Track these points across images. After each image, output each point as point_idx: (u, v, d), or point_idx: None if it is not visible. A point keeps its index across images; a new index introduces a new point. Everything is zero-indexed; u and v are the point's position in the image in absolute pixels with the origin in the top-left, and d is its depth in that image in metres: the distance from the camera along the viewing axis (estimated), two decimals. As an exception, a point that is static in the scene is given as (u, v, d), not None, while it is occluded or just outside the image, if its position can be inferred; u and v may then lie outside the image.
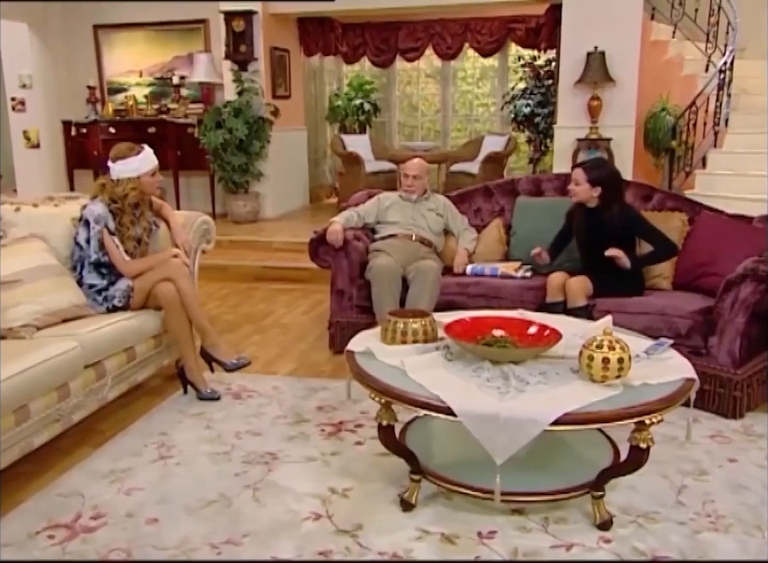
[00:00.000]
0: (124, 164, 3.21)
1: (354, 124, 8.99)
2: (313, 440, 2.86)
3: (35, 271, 2.91)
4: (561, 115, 6.36)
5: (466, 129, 10.18)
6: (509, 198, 4.22)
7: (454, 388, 2.11)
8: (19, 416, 2.41)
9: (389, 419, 2.25)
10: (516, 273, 3.80)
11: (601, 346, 2.12)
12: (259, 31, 6.90)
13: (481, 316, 2.56)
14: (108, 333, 2.92)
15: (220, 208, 7.31)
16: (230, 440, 2.86)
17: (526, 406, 1.99)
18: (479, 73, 10.13)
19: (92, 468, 2.64)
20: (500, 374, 2.20)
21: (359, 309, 3.85)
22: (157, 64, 7.54)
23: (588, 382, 2.15)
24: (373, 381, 2.23)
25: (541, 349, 2.29)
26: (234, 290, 5.46)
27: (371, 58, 9.11)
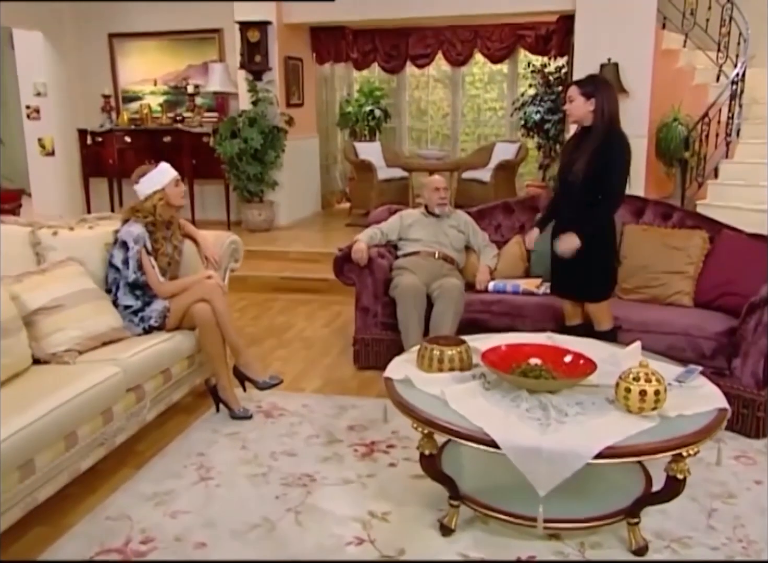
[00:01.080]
0: (147, 179, 3.31)
1: (364, 130, 9.04)
2: (348, 461, 2.93)
3: (76, 295, 2.97)
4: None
5: (474, 133, 10.23)
6: (530, 214, 4.27)
7: (496, 420, 2.18)
8: (68, 442, 2.48)
9: (431, 449, 2.32)
10: (537, 290, 3.87)
11: (638, 378, 2.18)
12: (274, 41, 6.94)
13: (516, 343, 2.62)
14: (147, 357, 2.98)
15: (234, 216, 7.37)
16: (267, 461, 2.93)
17: (568, 439, 2.06)
18: (487, 78, 10.17)
19: (136, 491, 2.71)
20: (538, 404, 2.27)
21: (384, 326, 3.92)
22: (172, 73, 7.59)
23: (624, 413, 2.21)
24: (415, 412, 2.29)
25: (578, 380, 2.36)
26: (253, 302, 5.53)
27: (381, 65, 9.15)
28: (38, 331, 2.81)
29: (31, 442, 2.27)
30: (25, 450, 2.25)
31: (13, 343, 2.59)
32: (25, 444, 2.23)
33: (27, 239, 3.19)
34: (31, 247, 3.19)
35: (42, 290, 2.88)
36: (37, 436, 2.29)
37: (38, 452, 2.32)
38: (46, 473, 2.38)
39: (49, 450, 2.37)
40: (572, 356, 2.50)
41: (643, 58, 6.05)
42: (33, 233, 3.21)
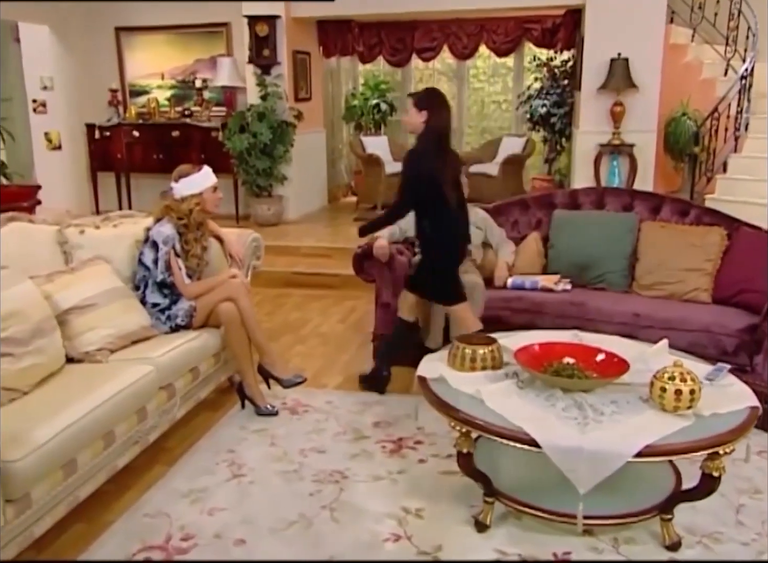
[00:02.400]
0: (188, 181, 3.31)
1: (370, 123, 9.04)
2: (377, 458, 2.97)
3: (106, 294, 2.99)
4: (583, 120, 6.44)
5: (478, 127, 10.23)
6: (546, 211, 4.30)
7: (534, 419, 2.21)
8: (107, 441, 2.51)
9: (469, 447, 2.36)
10: (556, 286, 3.90)
11: (673, 378, 2.22)
12: (283, 35, 6.92)
13: (548, 342, 2.65)
14: (177, 355, 3.01)
15: (242, 210, 7.37)
16: (297, 457, 2.96)
17: (607, 438, 2.09)
18: (491, 71, 10.17)
19: (171, 488, 2.74)
20: (574, 403, 2.30)
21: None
22: (179, 67, 7.57)
23: (659, 412, 2.25)
24: (453, 411, 2.33)
25: (612, 379, 2.39)
26: (265, 297, 5.54)
27: (387, 58, 9.12)
28: (71, 330, 2.83)
29: (74, 441, 2.30)
30: (68, 450, 2.28)
31: (48, 342, 2.61)
32: (68, 443, 2.27)
33: (54, 237, 3.20)
34: (59, 246, 3.21)
35: (73, 290, 2.90)
36: (79, 435, 2.32)
37: (80, 451, 2.35)
38: (87, 471, 2.41)
39: (89, 448, 2.40)
40: (604, 355, 2.53)
41: (653, 52, 6.07)
42: (60, 231, 3.22)
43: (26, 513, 2.13)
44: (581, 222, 4.15)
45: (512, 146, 7.87)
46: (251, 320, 3.25)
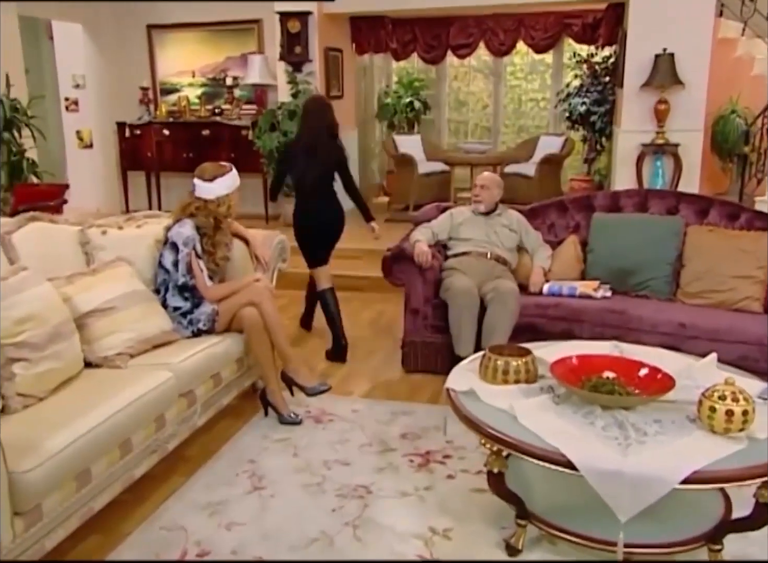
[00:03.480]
0: (224, 181, 3.28)
1: (403, 122, 8.93)
2: (404, 472, 2.87)
3: (127, 297, 2.94)
4: (625, 118, 6.24)
5: (515, 125, 10.06)
6: (585, 213, 4.16)
7: (571, 439, 2.09)
8: (123, 450, 2.45)
9: (500, 467, 2.24)
10: (595, 293, 3.75)
11: (724, 397, 2.07)
12: (314, 32, 6.87)
13: (587, 355, 2.52)
14: (198, 361, 2.94)
15: (272, 210, 7.32)
16: (320, 470, 2.88)
17: (651, 462, 1.96)
18: (529, 68, 9.99)
19: (189, 499, 2.67)
20: (614, 421, 2.17)
21: (434, 329, 3.84)
22: (210, 65, 7.56)
23: (708, 433, 2.11)
24: (483, 427, 2.21)
25: (656, 396, 2.26)
26: (292, 299, 5.47)
27: (421, 55, 9.02)
28: (90, 334, 2.78)
29: (88, 451, 2.24)
30: (83, 459, 2.22)
31: (66, 347, 2.56)
32: (82, 452, 2.21)
33: (76, 238, 3.16)
34: (80, 246, 3.17)
35: (93, 292, 2.85)
36: (94, 444, 2.27)
37: (95, 460, 2.29)
38: (102, 481, 2.35)
39: (105, 458, 2.34)
40: (648, 369, 2.39)
41: (700, 47, 5.85)
42: (82, 232, 3.19)
43: (37, 526, 2.08)
44: (623, 225, 4.00)
45: (550, 146, 7.70)
46: (275, 325, 3.18)
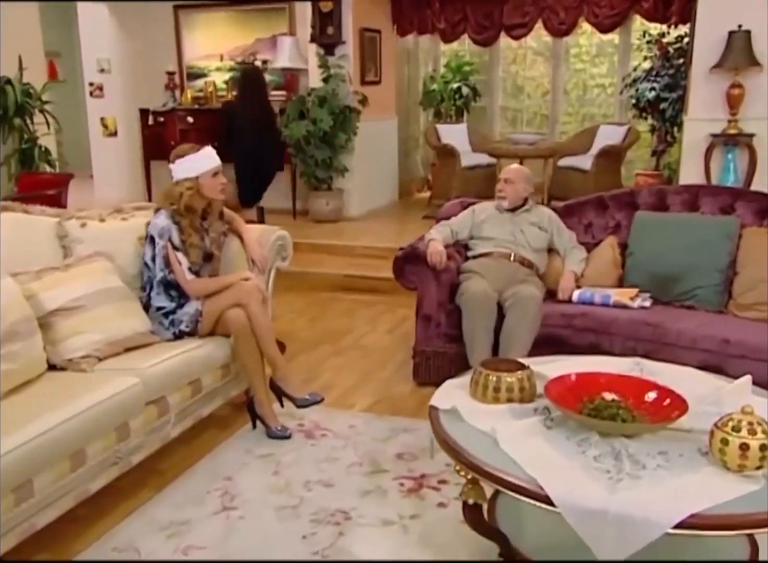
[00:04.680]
0: (184, 162, 3.23)
1: (450, 110, 8.81)
2: (391, 497, 2.78)
3: (98, 295, 2.94)
4: (693, 105, 5.96)
5: (578, 114, 9.80)
6: (627, 212, 3.97)
7: (555, 469, 1.95)
8: (75, 462, 2.43)
9: (476, 498, 2.13)
10: (632, 302, 3.57)
11: (739, 428, 1.90)
12: (348, 11, 6.84)
13: (588, 372, 2.37)
14: (172, 366, 2.92)
15: (301, 205, 7.33)
16: (299, 491, 2.81)
17: (642, 501, 1.81)
18: (596, 50, 9.72)
19: (151, 517, 2.65)
20: (611, 451, 2.03)
21: (447, 338, 3.73)
22: (239, 48, 7.63)
23: (721, 470, 1.94)
24: (459, 452, 2.10)
25: (663, 423, 2.10)
26: (312, 301, 5.45)
27: (472, 36, 8.86)
28: (55, 334, 2.79)
29: (29, 462, 2.22)
30: (22, 472, 2.20)
31: (23, 347, 2.57)
32: (21, 464, 2.19)
33: (53, 230, 3.19)
34: (58, 239, 3.19)
35: (61, 289, 2.86)
36: (36, 456, 2.25)
37: (37, 473, 2.27)
38: (48, 496, 2.34)
39: (50, 470, 2.32)
40: (658, 391, 2.23)
41: (781, 24, 5.53)
42: (60, 224, 3.21)
43: (-35, 542, 2.08)
44: (668, 226, 3.81)
45: (610, 136, 7.44)
46: (262, 329, 3.13)
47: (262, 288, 3.34)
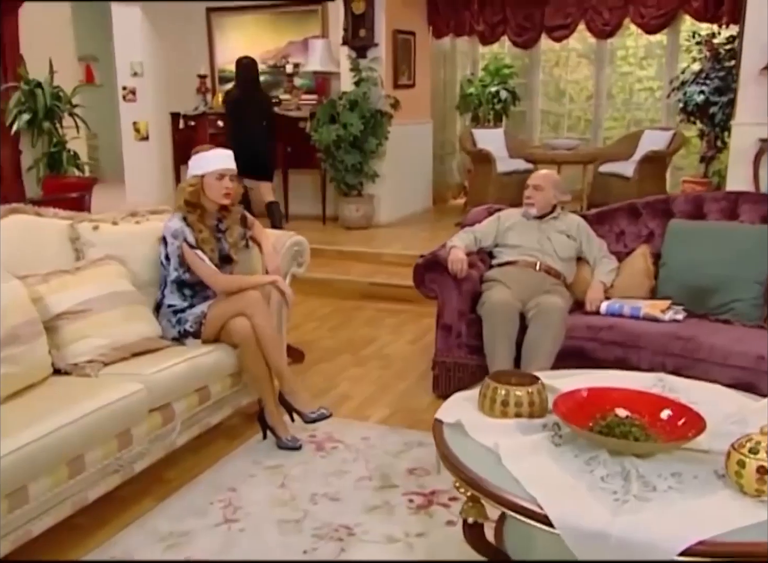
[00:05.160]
0: (196, 160, 3.29)
1: (488, 114, 8.75)
2: (399, 513, 2.74)
3: (106, 299, 2.97)
4: (741, 108, 5.82)
5: (624, 118, 9.65)
6: (661, 220, 3.87)
7: (558, 488, 1.90)
8: (72, 469, 2.45)
9: (477, 516, 2.08)
10: (663, 315, 3.47)
11: (757, 450, 1.83)
12: (381, 13, 6.85)
13: (601, 387, 2.31)
14: (178, 372, 2.93)
15: (331, 211, 7.35)
16: (304, 504, 2.80)
17: (647, 525, 1.74)
18: (644, 52, 9.58)
19: (151, 527, 2.66)
20: (620, 471, 1.96)
21: (469, 349, 3.68)
22: (271, 51, 7.71)
23: (737, 494, 1.86)
24: (459, 467, 2.06)
25: (675, 445, 2.03)
26: (336, 309, 5.45)
27: (512, 38, 8.80)
28: (61, 338, 2.82)
29: (23, 469, 2.24)
30: (15, 478, 2.22)
31: (25, 351, 2.60)
32: (14, 470, 2.20)
33: (66, 233, 3.24)
34: (70, 242, 3.24)
35: (69, 292, 2.90)
36: (31, 462, 2.26)
37: (32, 479, 2.29)
38: (44, 503, 2.36)
39: (47, 477, 2.34)
40: (674, 409, 2.15)
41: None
42: (72, 227, 3.26)
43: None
44: (705, 235, 3.70)
45: (654, 141, 7.31)
46: (268, 341, 3.11)
47: (288, 292, 3.34)
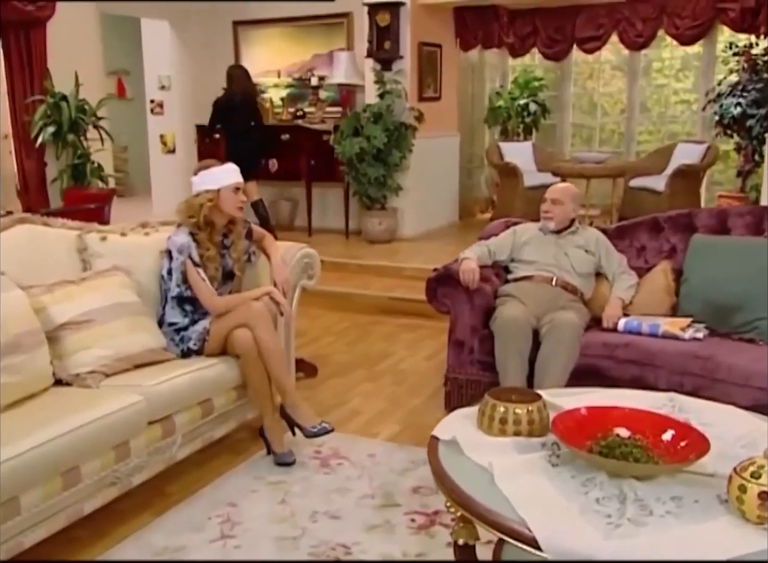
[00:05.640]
0: (207, 175, 3.30)
1: (518, 127, 8.72)
2: (399, 533, 2.71)
3: (110, 310, 3.00)
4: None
5: (660, 132, 9.53)
6: (683, 235, 3.80)
7: (550, 510, 1.85)
8: (67, 480, 2.46)
9: (467, 537, 2.04)
10: (683, 333, 3.39)
11: (759, 475, 1.76)
12: (407, 25, 6.88)
13: (602, 406, 2.25)
14: (180, 385, 2.94)
15: (354, 225, 7.36)
16: (303, 522, 2.78)
17: (638, 550, 1.69)
18: (680, 64, 9.47)
19: (146, 541, 2.66)
20: (617, 493, 1.91)
21: (481, 365, 3.64)
22: (296, 64, 7.77)
23: (738, 520, 1.80)
24: (450, 486, 2.03)
25: (676, 467, 1.97)
26: (354, 324, 5.44)
27: (542, 50, 8.78)
28: (63, 348, 2.85)
29: (14, 479, 2.25)
30: (6, 487, 2.24)
31: (26, 360, 2.64)
32: (8, 479, 2.23)
33: (74, 243, 3.29)
34: (78, 253, 3.29)
35: (73, 302, 2.93)
36: (23, 472, 2.27)
37: (24, 490, 2.31)
38: (36, 514, 2.37)
39: (40, 487, 2.36)
40: (677, 430, 2.10)
41: None
42: (80, 237, 3.31)
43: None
44: (729, 251, 3.62)
45: (688, 155, 7.21)
46: (269, 353, 3.10)
47: (284, 304, 3.33)
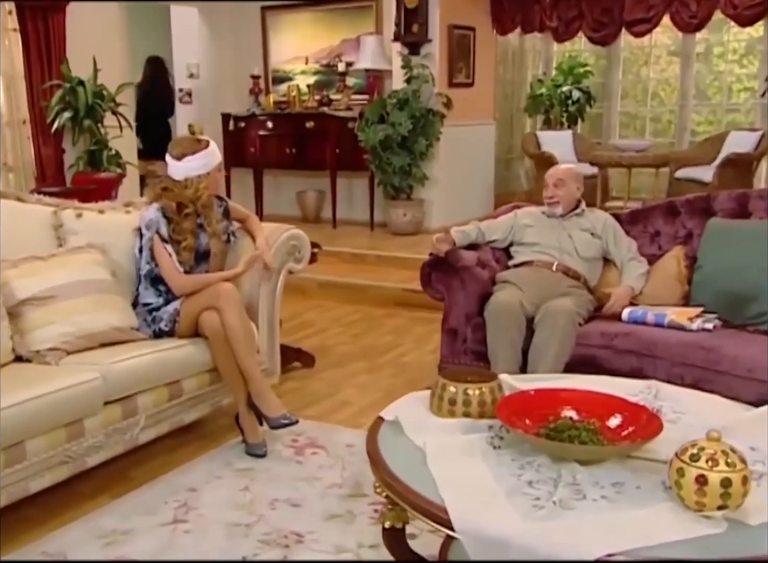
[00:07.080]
0: (194, 160, 3.27)
1: (561, 116, 8.56)
2: (358, 523, 2.66)
3: (75, 286, 3.03)
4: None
5: (720, 122, 9.23)
6: (700, 219, 3.65)
7: (474, 492, 1.79)
8: (10, 456, 2.49)
9: (393, 521, 1.99)
10: (690, 324, 3.25)
11: (697, 457, 1.66)
12: (436, 7, 6.82)
13: (553, 389, 2.17)
14: (142, 364, 2.95)
15: (380, 216, 7.32)
16: (261, 509, 2.75)
17: (557, 533, 1.61)
18: (744, 48, 9.17)
19: (96, 524, 2.67)
20: (554, 477, 1.83)
21: (475, 355, 3.55)
22: (325, 49, 7.79)
23: (678, 507, 1.70)
24: (381, 467, 1.98)
25: (617, 450, 1.88)
26: (367, 316, 5.41)
27: (588, 34, 8.59)
28: (24, 324, 2.90)
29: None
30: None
31: (-19, 334, 2.69)
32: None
33: (49, 220, 3.34)
34: (53, 229, 3.34)
35: (37, 278, 2.98)
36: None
37: (-40, 464, 2.35)
38: (-26, 491, 2.41)
39: (-24, 462, 2.40)
40: (628, 413, 2.00)
41: None
42: (55, 214, 3.35)
43: None
44: (746, 236, 3.45)
45: (740, 144, 6.94)
46: (236, 338, 3.06)
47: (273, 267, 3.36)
